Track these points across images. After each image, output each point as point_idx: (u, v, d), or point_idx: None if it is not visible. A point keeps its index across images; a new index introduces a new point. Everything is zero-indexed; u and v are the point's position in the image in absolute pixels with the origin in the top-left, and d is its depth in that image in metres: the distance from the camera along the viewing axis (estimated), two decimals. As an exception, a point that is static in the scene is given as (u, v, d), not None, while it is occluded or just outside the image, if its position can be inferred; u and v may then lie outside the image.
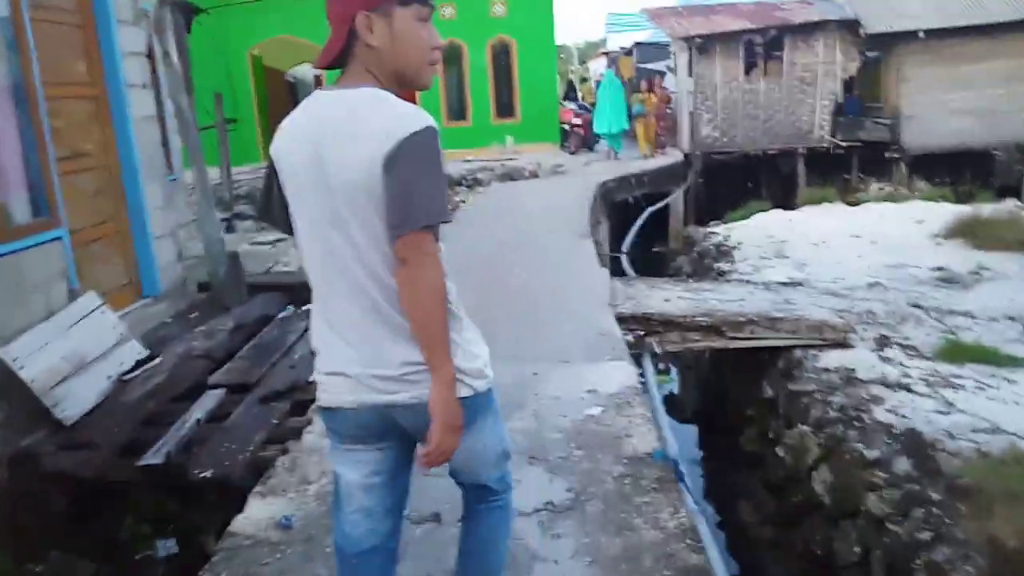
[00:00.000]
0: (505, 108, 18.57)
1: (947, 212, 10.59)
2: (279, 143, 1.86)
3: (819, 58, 16.78)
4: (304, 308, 6.09)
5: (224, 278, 6.15)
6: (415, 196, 1.68)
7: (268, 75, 22.87)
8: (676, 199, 15.69)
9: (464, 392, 1.80)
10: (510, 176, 15.22)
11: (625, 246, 10.90)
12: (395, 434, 1.88)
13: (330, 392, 1.86)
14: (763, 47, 17.14)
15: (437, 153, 1.73)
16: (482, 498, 2.06)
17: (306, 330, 5.57)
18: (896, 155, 16.95)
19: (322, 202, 1.76)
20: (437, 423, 1.72)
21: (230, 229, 11.17)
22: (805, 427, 5.12)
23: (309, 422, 3.88)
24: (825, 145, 17.08)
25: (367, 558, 1.98)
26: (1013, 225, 8.69)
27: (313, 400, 2.96)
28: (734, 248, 9.28)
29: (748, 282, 6.93)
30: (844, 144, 16.95)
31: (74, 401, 4.14)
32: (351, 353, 1.81)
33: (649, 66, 24.18)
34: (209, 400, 4.18)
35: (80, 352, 4.41)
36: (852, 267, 8.07)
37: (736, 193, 18.61)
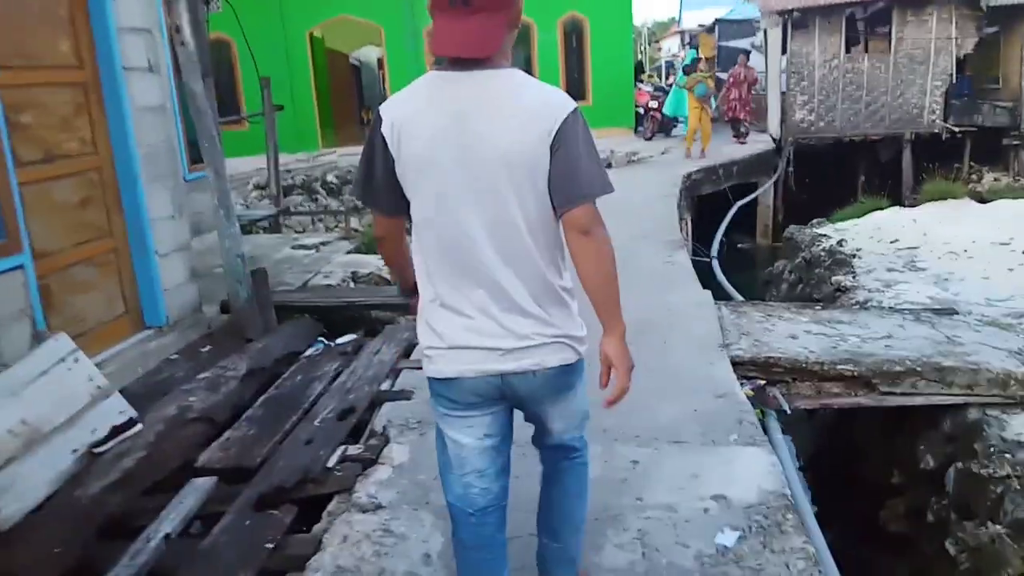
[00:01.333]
0: (576, 90, 17.22)
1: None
2: (400, 122, 1.89)
3: (931, 33, 14.95)
4: (339, 342, 4.97)
5: (245, 302, 5.08)
6: (588, 169, 1.88)
7: (330, 58, 22.02)
8: (766, 191, 14.13)
9: (575, 357, 2.03)
10: (581, 165, 13.80)
11: (714, 249, 9.50)
12: (505, 400, 2.05)
13: (450, 362, 1.96)
14: (867, 21, 15.38)
15: (589, 130, 1.92)
16: (566, 455, 2.25)
17: (335, 377, 4.52)
18: (1016, 142, 15.01)
19: (467, 177, 1.87)
20: (623, 369, 2.03)
21: (275, 228, 10.20)
22: (999, 527, 3.76)
23: (318, 545, 2.75)
24: (936, 130, 15.25)
25: (482, 517, 2.12)
26: None
27: (330, 496, 3.07)
28: (853, 256, 7.82)
29: (893, 309, 5.52)
30: (958, 129, 15.09)
31: (17, 494, 3.09)
32: (476, 324, 1.94)
33: (732, 44, 22.45)
34: (191, 496, 3.07)
35: (37, 419, 3.36)
36: (1006, 285, 6.57)
37: (832, 184, 16.94)
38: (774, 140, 15.83)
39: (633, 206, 8.86)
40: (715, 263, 8.25)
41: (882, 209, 10.09)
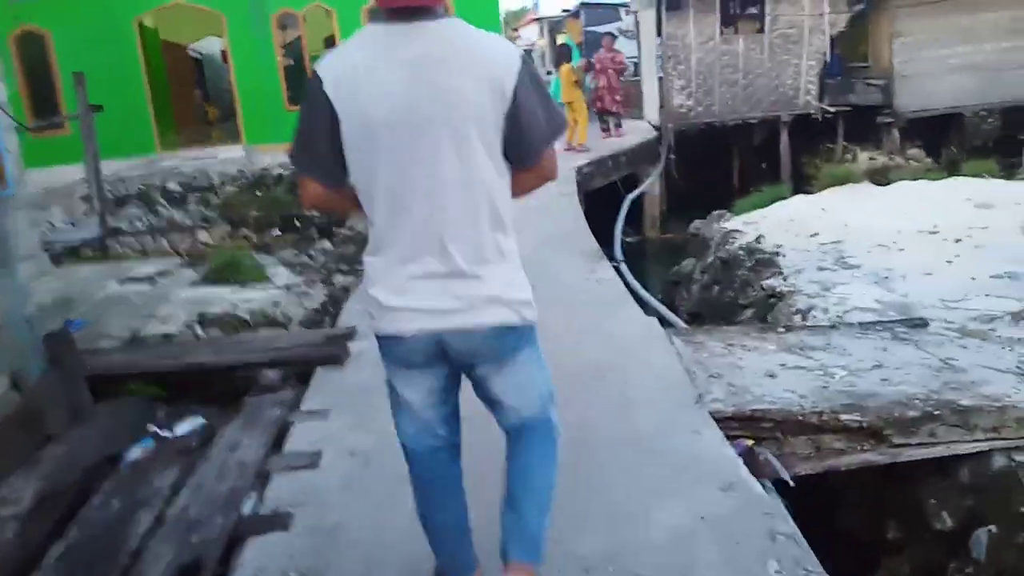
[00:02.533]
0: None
1: (1001, 190, 8.68)
2: (346, 79, 1.79)
3: (805, 11, 14.71)
4: (178, 432, 3.59)
5: (42, 381, 3.63)
6: (547, 115, 1.88)
7: (166, 51, 19.79)
8: (653, 181, 13.46)
9: (515, 320, 1.93)
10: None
11: (617, 251, 8.58)
12: (448, 362, 1.97)
13: (392, 321, 1.91)
14: (741, 1, 15.01)
15: (535, 68, 1.91)
16: (525, 435, 2.10)
17: (172, 496, 3.18)
18: (889, 120, 15.06)
19: (424, 134, 1.79)
20: None
21: (102, 254, 8.47)
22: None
23: None
24: (812, 111, 15.08)
25: (434, 454, 2.10)
26: None
27: None
28: (776, 255, 7.07)
29: (864, 326, 4.69)
30: (833, 109, 14.99)
31: None
32: (420, 285, 1.88)
33: (598, 30, 21.88)
34: None
35: None
36: (953, 281, 5.97)
37: (712, 170, 16.57)
38: (655, 128, 15.23)
39: (530, 206, 7.79)
40: (625, 268, 7.32)
41: (785, 198, 9.52)
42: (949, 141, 15.97)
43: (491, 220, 1.88)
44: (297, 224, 13.79)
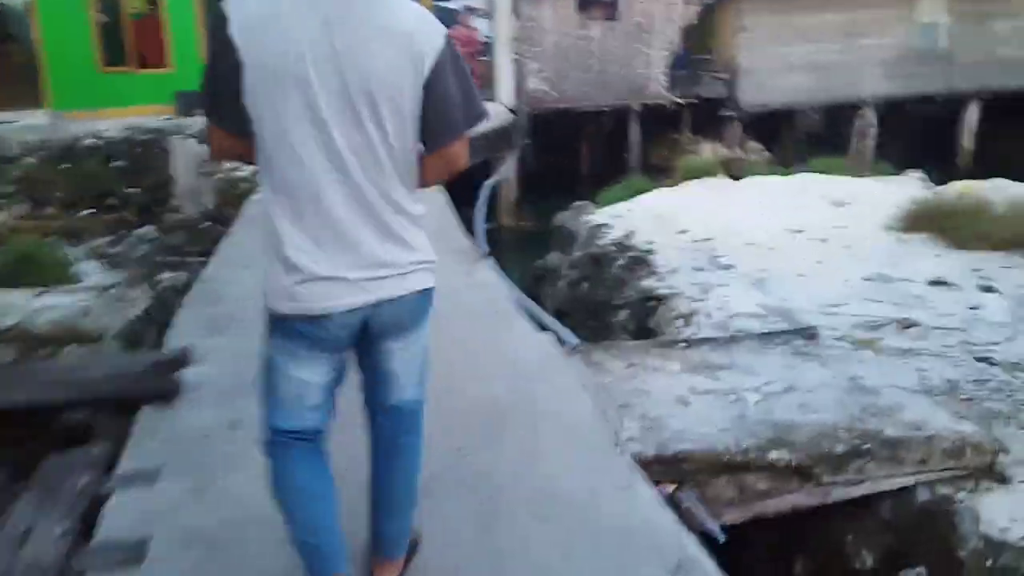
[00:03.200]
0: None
1: (851, 187, 8.91)
2: (253, 23, 1.67)
3: (658, 1, 14.74)
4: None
5: None
6: (466, 101, 1.81)
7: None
8: (510, 166, 13.03)
9: (432, 281, 1.93)
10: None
11: (481, 243, 8.02)
12: (363, 333, 1.88)
13: (317, 299, 1.78)
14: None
15: (458, 51, 1.83)
16: (405, 425, 2.04)
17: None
18: (732, 113, 15.46)
19: (330, 95, 1.69)
20: None
21: None
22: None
23: None
24: (662, 101, 15.20)
25: (312, 440, 1.95)
26: (979, 213, 6.94)
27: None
28: (649, 252, 6.78)
29: (759, 337, 4.39)
30: (683, 101, 15.17)
31: None
32: (340, 256, 1.78)
33: (448, 5, 21.15)
34: None
35: None
36: (826, 284, 5.89)
37: (564, 156, 16.40)
38: (510, 110, 14.79)
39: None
40: (494, 264, 6.76)
41: (647, 190, 9.32)
42: (782, 136, 16.67)
43: (408, 185, 1.83)
44: (114, 203, 12.25)
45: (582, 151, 16.87)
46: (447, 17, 16.67)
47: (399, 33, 1.70)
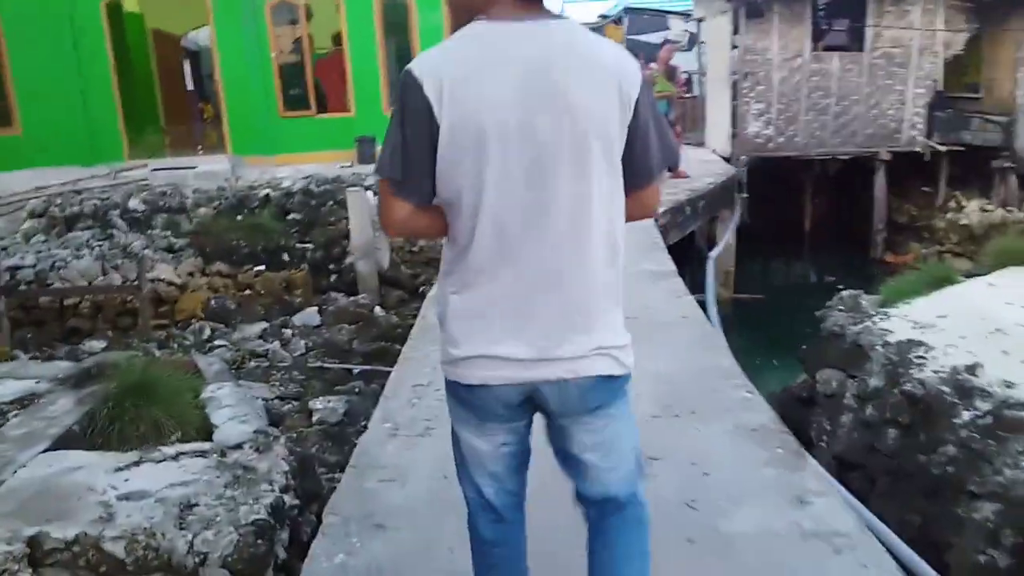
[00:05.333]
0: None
1: None
2: (450, 82, 1.56)
3: (914, 26, 12.09)
4: None
5: None
6: (663, 139, 1.72)
7: (156, 41, 17.31)
8: (731, 229, 10.82)
9: (616, 370, 1.74)
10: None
11: (716, 325, 5.97)
12: (531, 410, 1.79)
13: (476, 369, 1.70)
14: (834, 11, 12.39)
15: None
16: (613, 511, 1.85)
17: None
18: (1008, 164, 12.43)
19: (539, 147, 1.59)
20: None
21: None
22: None
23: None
24: (917, 148, 12.46)
25: (500, 513, 1.89)
26: None
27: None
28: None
29: None
30: (943, 148, 12.36)
31: None
32: (516, 329, 1.66)
33: (642, 38, 19.32)
34: None
35: None
36: None
37: (781, 214, 13.98)
38: (724, 159, 12.62)
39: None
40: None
41: (954, 281, 6.84)
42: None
43: (608, 251, 1.69)
44: (286, 260, 11.22)
45: (802, 205, 14.35)
46: (649, 52, 14.77)
47: (603, 69, 1.61)
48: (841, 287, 12.13)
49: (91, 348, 5.74)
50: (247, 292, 10.33)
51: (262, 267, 10.61)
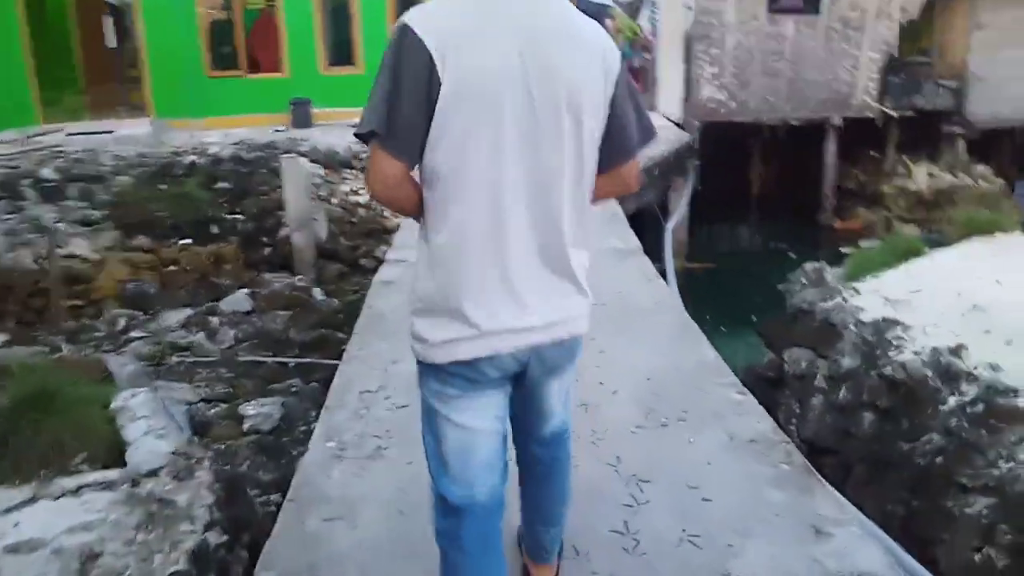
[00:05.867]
0: (345, 53, 12.64)
1: None
2: (452, 41, 1.51)
3: (871, -9, 11.84)
4: None
5: None
6: (642, 115, 1.72)
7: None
8: (684, 199, 10.46)
9: (585, 327, 1.80)
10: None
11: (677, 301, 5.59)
12: (519, 373, 1.78)
13: (485, 343, 1.67)
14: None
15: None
16: (560, 445, 2.00)
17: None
18: (958, 129, 12.36)
19: (531, 120, 1.57)
20: None
21: None
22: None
23: None
24: (870, 114, 12.27)
25: (487, 513, 1.81)
26: None
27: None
28: (1017, 395, 4.15)
29: None
30: (896, 113, 12.21)
31: None
32: (516, 298, 1.66)
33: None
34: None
35: None
36: None
37: (731, 181, 13.74)
38: (676, 124, 12.24)
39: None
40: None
41: (919, 252, 6.60)
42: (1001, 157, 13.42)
43: (588, 220, 1.74)
44: (215, 232, 10.45)
45: (752, 173, 14.13)
46: (598, 13, 14.24)
47: (591, 47, 1.61)
48: (792, 254, 12.03)
49: (-12, 343, 5.06)
50: (171, 268, 9.59)
51: (188, 241, 9.86)
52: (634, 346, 3.69)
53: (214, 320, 5.45)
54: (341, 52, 12.25)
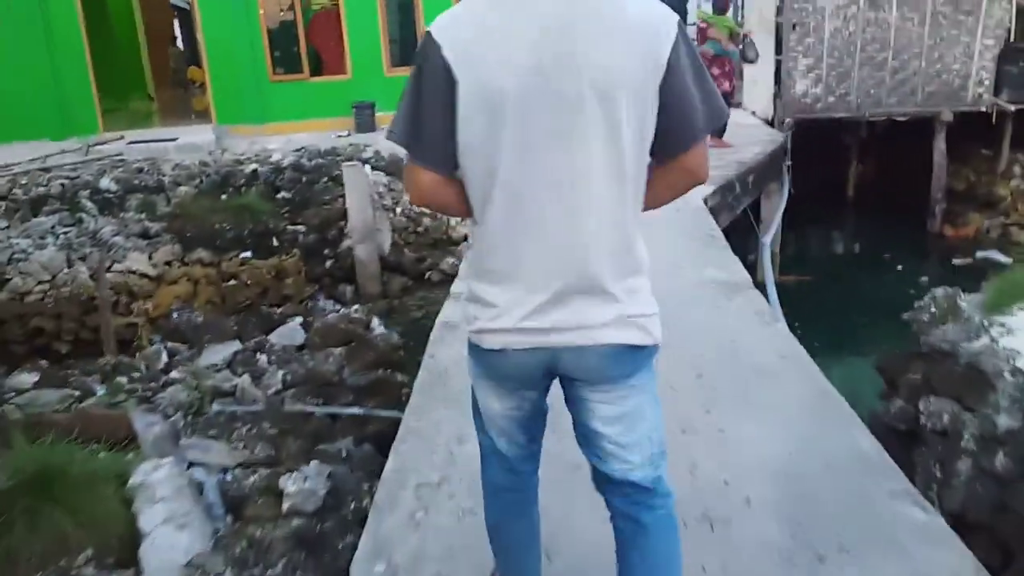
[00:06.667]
0: (410, 52, 11.96)
1: None
2: (467, 43, 1.50)
3: (985, -31, 10.62)
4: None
5: None
6: (706, 97, 1.57)
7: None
8: (780, 207, 9.50)
9: (640, 340, 1.65)
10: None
11: (779, 318, 4.77)
12: (547, 380, 1.76)
13: (499, 336, 1.66)
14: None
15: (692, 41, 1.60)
16: (641, 499, 1.75)
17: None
18: (1085, 124, 11.03)
19: (558, 113, 1.51)
20: None
21: None
22: None
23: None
24: (984, 108, 11.05)
25: (514, 464, 1.89)
26: None
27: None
28: None
29: None
30: (1013, 108, 10.96)
31: None
32: (538, 299, 1.61)
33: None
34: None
35: None
36: None
37: (827, 178, 12.64)
38: (768, 122, 11.25)
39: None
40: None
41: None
42: None
43: (634, 221, 1.62)
44: (275, 245, 10.00)
45: (849, 173, 13.00)
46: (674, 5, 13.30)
47: (628, 27, 1.49)
48: (899, 267, 10.93)
49: (19, 384, 4.59)
50: (231, 283, 9.17)
51: (248, 254, 9.43)
52: (762, 425, 2.90)
53: (262, 359, 4.88)
54: (406, 51, 11.66)
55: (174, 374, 4.77)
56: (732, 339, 3.70)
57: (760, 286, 6.40)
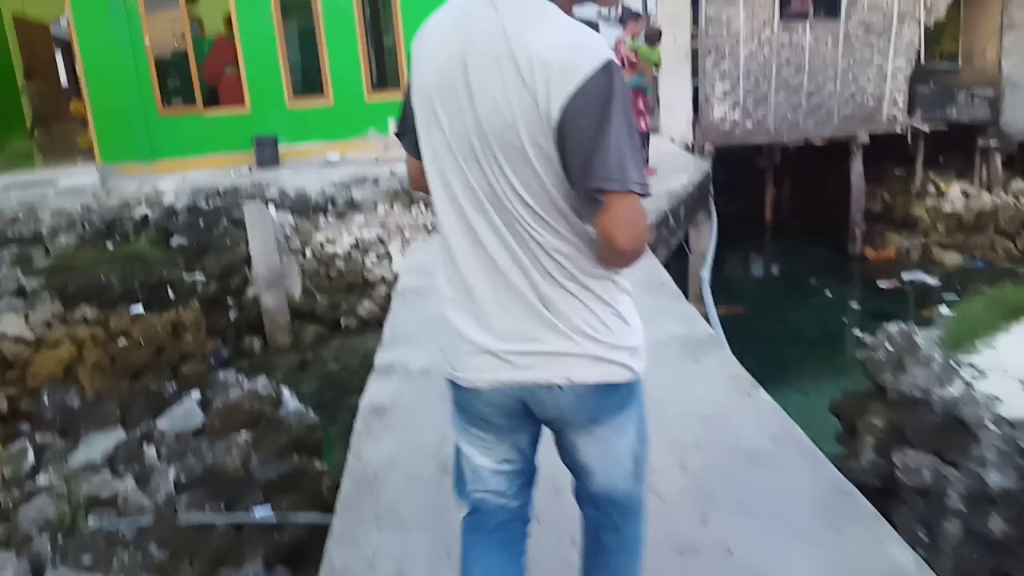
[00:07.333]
0: (389, 77, 11.36)
1: None
2: (419, 50, 1.55)
3: (895, -8, 10.69)
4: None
5: None
6: (617, 150, 1.36)
7: (21, 31, 14.77)
8: (711, 237, 9.18)
9: (620, 377, 1.54)
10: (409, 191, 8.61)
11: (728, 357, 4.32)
12: (531, 421, 1.63)
13: (465, 369, 1.58)
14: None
15: (628, 93, 1.40)
16: (612, 524, 1.74)
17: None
18: (994, 142, 11.23)
19: (462, 135, 1.46)
20: None
21: None
22: None
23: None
24: (898, 130, 11.11)
25: (504, 525, 1.75)
26: None
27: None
28: None
29: None
30: (927, 128, 11.04)
31: None
32: (487, 322, 1.53)
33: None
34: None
35: None
36: None
37: (744, 203, 12.53)
38: (687, 148, 10.99)
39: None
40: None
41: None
42: None
43: (554, 249, 1.48)
44: (170, 297, 9.05)
45: (767, 198, 12.93)
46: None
47: (533, 59, 1.35)
48: (828, 292, 10.81)
49: None
50: (122, 342, 8.19)
51: (139, 308, 8.46)
52: (775, 539, 2.37)
53: (150, 452, 4.08)
54: (308, 81, 10.92)
55: (41, 479, 3.92)
56: (709, 414, 3.17)
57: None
